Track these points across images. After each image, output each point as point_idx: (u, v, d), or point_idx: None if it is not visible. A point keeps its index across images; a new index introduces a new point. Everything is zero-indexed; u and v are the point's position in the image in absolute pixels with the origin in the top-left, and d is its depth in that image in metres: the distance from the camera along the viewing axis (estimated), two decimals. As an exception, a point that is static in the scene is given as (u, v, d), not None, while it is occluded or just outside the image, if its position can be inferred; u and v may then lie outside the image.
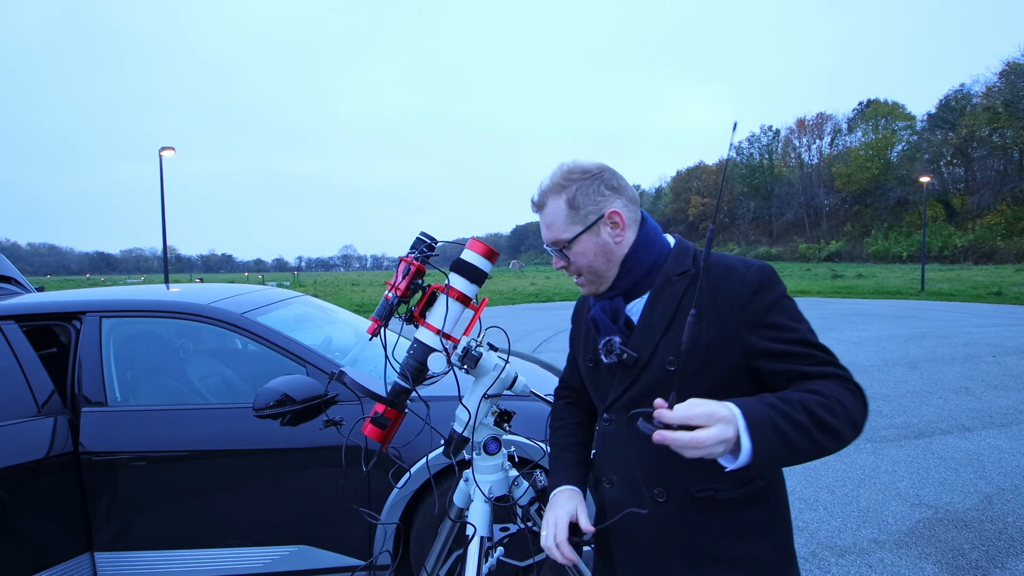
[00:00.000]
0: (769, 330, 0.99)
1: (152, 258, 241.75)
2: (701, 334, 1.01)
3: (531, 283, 34.71)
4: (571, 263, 1.11)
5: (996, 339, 9.03)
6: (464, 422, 1.31)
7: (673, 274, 1.07)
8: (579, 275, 1.13)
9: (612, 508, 1.13)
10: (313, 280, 65.59)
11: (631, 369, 1.07)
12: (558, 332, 11.44)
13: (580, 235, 1.08)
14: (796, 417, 0.86)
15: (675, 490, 1.05)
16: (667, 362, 1.02)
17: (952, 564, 2.67)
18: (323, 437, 2.20)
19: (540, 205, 1.13)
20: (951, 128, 53.02)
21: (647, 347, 1.05)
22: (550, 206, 1.11)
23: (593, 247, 1.09)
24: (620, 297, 1.11)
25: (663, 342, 1.04)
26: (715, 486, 1.03)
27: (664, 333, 1.04)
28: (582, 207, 1.08)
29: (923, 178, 25.47)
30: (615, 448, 1.12)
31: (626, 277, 1.10)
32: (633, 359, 1.05)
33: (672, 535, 1.06)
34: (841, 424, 0.89)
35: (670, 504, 1.05)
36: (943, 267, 39.35)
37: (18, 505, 2.04)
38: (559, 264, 1.14)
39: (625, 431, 1.09)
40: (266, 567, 2.28)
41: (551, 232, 1.11)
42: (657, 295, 1.07)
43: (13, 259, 4.11)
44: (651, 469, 1.06)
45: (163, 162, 16.82)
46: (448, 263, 1.34)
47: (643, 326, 1.07)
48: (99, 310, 2.43)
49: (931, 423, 4.86)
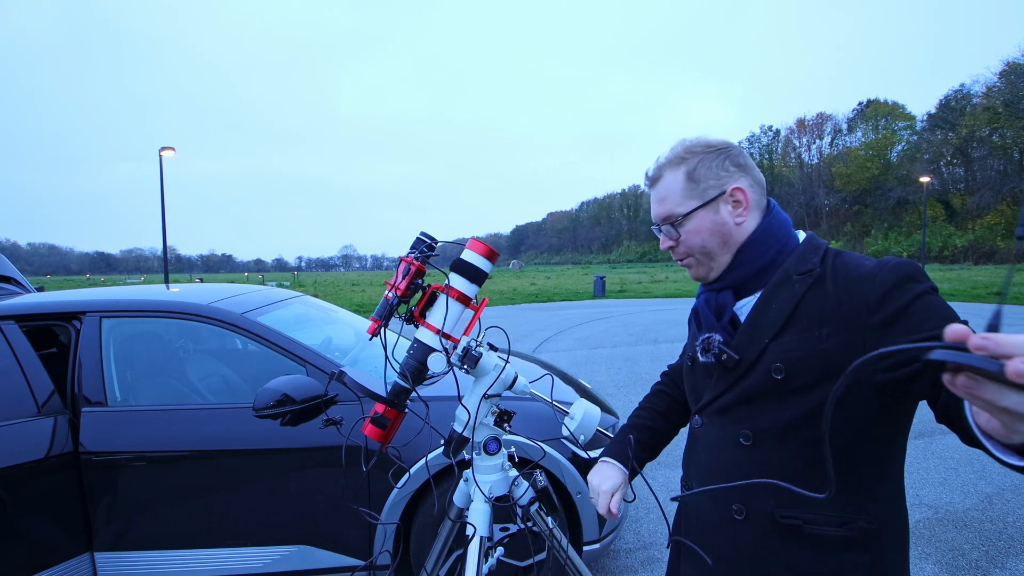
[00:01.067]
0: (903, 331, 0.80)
1: (152, 258, 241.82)
2: (820, 342, 0.87)
3: (531, 283, 34.71)
4: (680, 242, 1.01)
5: (996, 339, 9.03)
6: (464, 422, 1.31)
7: (795, 272, 0.93)
8: (687, 257, 1.03)
9: (685, 513, 1.07)
10: (313, 280, 65.60)
11: (731, 372, 0.96)
12: (558, 332, 11.44)
13: (696, 210, 0.98)
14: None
15: (756, 509, 0.93)
16: (774, 369, 0.90)
17: (952, 564, 2.67)
18: (323, 437, 2.21)
19: (655, 179, 1.04)
20: (951, 128, 53.04)
21: (752, 350, 0.93)
22: (666, 178, 1.02)
23: (709, 225, 0.99)
24: (729, 291, 1.00)
25: (772, 346, 0.91)
26: (804, 516, 0.89)
27: (775, 337, 0.91)
28: (702, 180, 0.99)
29: (923, 178, 25.51)
30: (701, 453, 1.04)
31: (740, 267, 0.99)
32: (734, 361, 0.94)
33: (747, 558, 0.94)
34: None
35: (748, 525, 0.94)
36: (943, 267, 39.36)
37: (18, 505, 2.04)
38: (667, 244, 1.03)
39: (715, 436, 1.01)
40: (266, 567, 2.28)
41: (663, 206, 1.02)
42: (772, 294, 0.94)
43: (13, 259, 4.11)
44: (735, 480, 0.95)
45: (163, 162, 16.83)
46: (448, 263, 1.34)
47: (749, 326, 0.95)
48: (99, 310, 2.43)
49: (931, 423, 4.85)
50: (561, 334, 11.10)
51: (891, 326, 0.81)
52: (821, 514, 0.88)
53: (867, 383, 0.84)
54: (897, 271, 0.85)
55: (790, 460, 0.91)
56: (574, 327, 12.19)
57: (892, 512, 0.91)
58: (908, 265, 0.85)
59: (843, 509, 0.88)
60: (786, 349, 0.90)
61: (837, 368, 0.85)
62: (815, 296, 0.90)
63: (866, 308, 0.84)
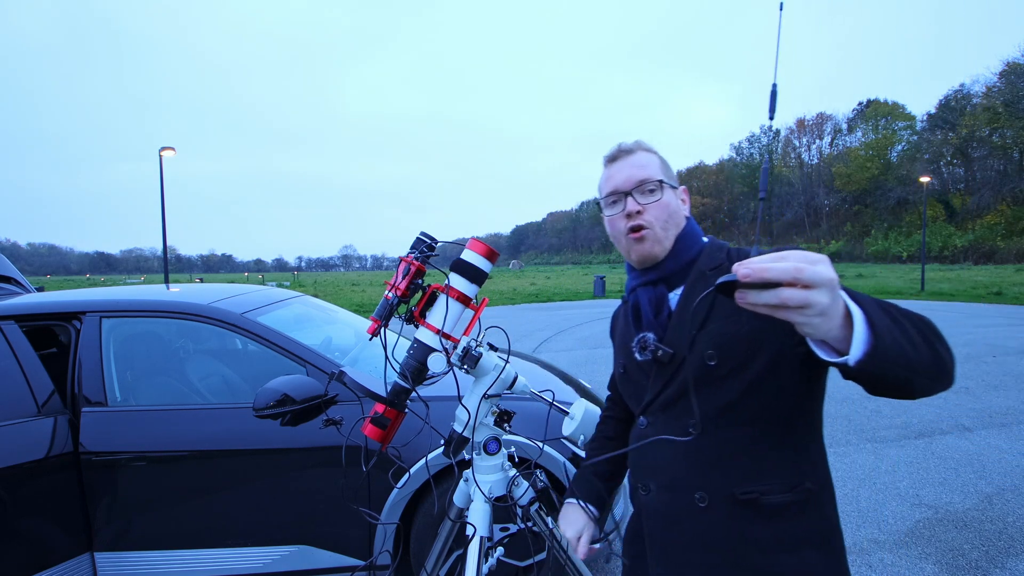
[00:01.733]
0: None
1: (152, 258, 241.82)
2: (741, 325, 0.96)
3: (531, 283, 34.71)
4: (654, 205, 1.07)
5: (996, 339, 9.03)
6: (464, 422, 1.31)
7: (707, 268, 1.05)
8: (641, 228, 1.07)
9: (649, 516, 1.09)
10: (313, 280, 65.59)
11: (667, 367, 1.03)
12: (558, 332, 11.44)
13: (668, 186, 1.08)
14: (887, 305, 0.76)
15: (716, 493, 0.98)
16: (706, 356, 0.97)
17: (952, 564, 2.67)
18: (323, 437, 2.21)
19: (630, 151, 1.11)
20: (951, 128, 53.03)
21: (683, 342, 1.01)
22: (642, 155, 1.10)
23: (674, 203, 1.09)
24: (663, 284, 1.08)
25: (700, 336, 0.99)
26: (760, 488, 0.96)
27: (701, 328, 0.99)
28: (668, 170, 1.12)
29: (923, 178, 25.47)
30: (651, 452, 1.07)
31: (675, 258, 1.08)
32: (669, 356, 1.02)
33: (716, 546, 0.98)
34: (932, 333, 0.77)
35: (712, 510, 0.98)
36: (943, 267, 39.36)
37: (18, 505, 2.04)
38: (635, 207, 1.07)
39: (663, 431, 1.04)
40: (266, 567, 2.28)
41: (644, 171, 1.08)
42: (692, 289, 1.04)
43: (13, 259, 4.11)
44: (690, 469, 1.00)
45: (163, 162, 16.83)
46: (448, 263, 1.34)
47: (678, 321, 1.03)
48: (99, 310, 2.43)
49: (931, 423, 4.86)
50: (561, 334, 11.10)
51: None
52: (774, 482, 0.96)
53: (792, 356, 0.94)
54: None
55: (737, 440, 0.98)
56: (574, 327, 12.19)
57: (825, 473, 1.02)
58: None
59: (791, 474, 0.97)
60: (713, 336, 0.98)
61: (759, 344, 0.95)
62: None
63: None
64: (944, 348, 0.77)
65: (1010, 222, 44.76)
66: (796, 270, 0.63)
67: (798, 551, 0.95)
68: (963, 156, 53.66)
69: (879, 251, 52.36)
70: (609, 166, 1.13)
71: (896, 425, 4.83)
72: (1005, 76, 47.95)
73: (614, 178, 1.10)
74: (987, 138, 50.45)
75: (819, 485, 0.99)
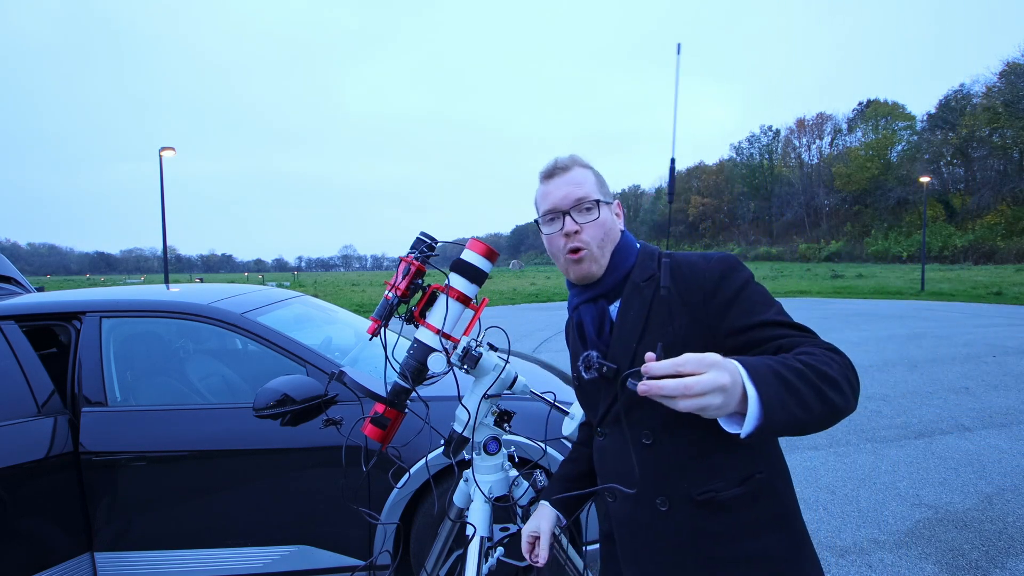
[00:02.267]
0: (740, 314, 0.98)
1: (152, 258, 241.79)
2: (676, 333, 1.01)
3: (531, 283, 34.71)
4: (591, 224, 1.09)
5: (996, 339, 9.03)
6: (464, 422, 1.31)
7: (640, 280, 1.08)
8: (580, 250, 1.09)
9: (617, 522, 1.13)
10: (313, 280, 65.59)
11: (612, 382, 1.06)
12: (558, 332, 11.44)
13: (603, 203, 1.10)
14: (795, 365, 0.83)
15: (676, 496, 1.02)
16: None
17: (952, 564, 2.67)
18: (323, 437, 2.20)
19: (566, 168, 1.12)
20: (951, 128, 53.03)
21: (625, 356, 1.04)
22: (579, 171, 1.12)
23: (610, 221, 1.12)
24: (603, 299, 1.11)
25: (640, 349, 1.03)
26: (714, 487, 1.00)
27: (640, 340, 1.03)
28: (603, 186, 1.14)
29: (923, 178, 25.46)
30: (611, 462, 1.12)
31: (612, 273, 1.11)
32: (613, 371, 1.04)
33: (681, 544, 1.03)
34: (838, 376, 0.85)
35: (674, 513, 1.03)
36: (943, 267, 39.36)
37: (18, 505, 2.04)
38: (573, 227, 1.09)
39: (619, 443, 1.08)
40: (266, 567, 2.28)
41: (581, 189, 1.09)
42: (628, 303, 1.08)
43: (13, 259, 4.11)
44: (648, 478, 1.04)
45: (163, 162, 16.82)
46: (448, 263, 1.34)
47: (618, 336, 1.07)
48: (99, 310, 2.43)
49: (931, 423, 4.85)
50: (561, 334, 11.10)
51: (730, 309, 0.98)
52: (726, 478, 1.01)
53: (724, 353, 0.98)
54: (723, 263, 1.02)
55: (686, 447, 1.02)
56: (574, 327, 12.17)
57: (777, 458, 1.07)
58: (730, 257, 1.04)
59: (742, 468, 1.02)
60: (651, 347, 0.98)
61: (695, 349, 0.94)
62: (660, 296, 1.04)
63: (703, 295, 1.00)
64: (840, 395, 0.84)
65: (1010, 222, 44.74)
66: (685, 387, 0.72)
67: (759, 536, 1.00)
68: (963, 156, 53.66)
69: (879, 251, 52.35)
70: (546, 183, 1.14)
71: (896, 425, 4.83)
72: (1005, 76, 47.93)
73: (551, 195, 1.11)
74: (987, 138, 50.44)
75: (770, 472, 1.04)
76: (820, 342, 0.93)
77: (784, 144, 77.37)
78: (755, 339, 0.96)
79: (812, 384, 0.81)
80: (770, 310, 0.98)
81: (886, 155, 61.03)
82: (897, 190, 56.21)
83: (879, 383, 6.33)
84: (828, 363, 0.86)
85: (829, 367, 0.85)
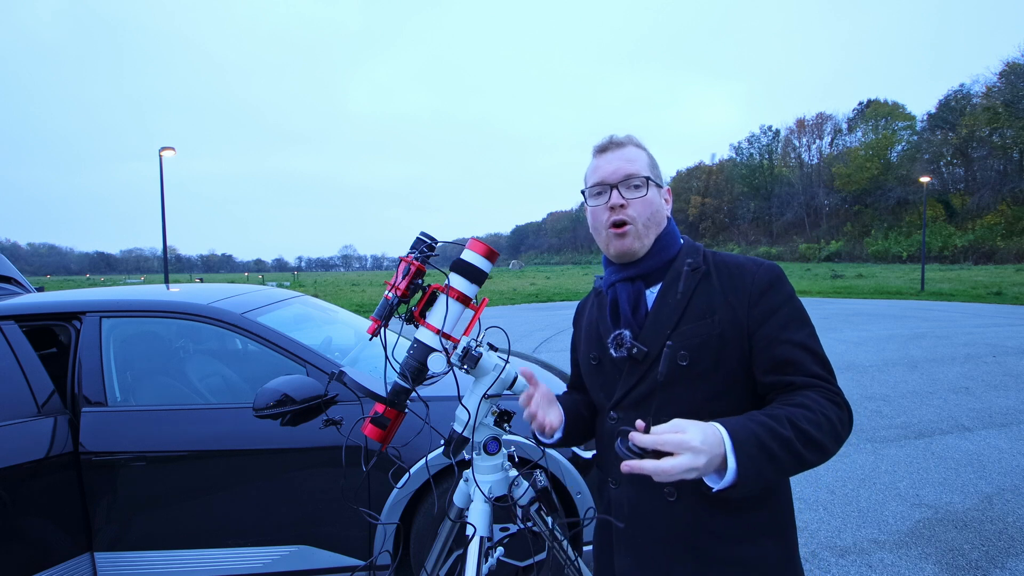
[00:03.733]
0: (777, 326, 1.00)
1: (152, 258, 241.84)
2: (713, 327, 1.01)
3: (531, 283, 34.71)
4: (638, 202, 1.07)
5: (996, 339, 9.03)
6: (464, 422, 1.30)
7: (685, 268, 1.08)
8: (624, 224, 1.08)
9: (618, 509, 1.12)
10: (313, 280, 65.60)
11: (640, 364, 1.05)
12: (558, 332, 11.44)
13: (654, 184, 1.09)
14: (783, 433, 0.86)
15: (686, 488, 1.02)
16: (679, 356, 1.01)
17: (952, 564, 2.67)
18: (323, 437, 2.20)
19: (621, 144, 1.11)
20: (951, 128, 53.04)
21: (658, 341, 1.03)
22: (632, 150, 1.10)
23: (659, 201, 1.11)
24: (641, 281, 1.10)
25: (674, 336, 1.02)
26: None
27: (675, 328, 1.03)
28: (657, 168, 1.13)
29: (923, 178, 25.47)
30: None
31: (655, 256, 1.09)
32: (643, 353, 1.04)
33: (681, 536, 1.03)
34: (826, 439, 0.90)
35: (680, 504, 1.03)
36: (943, 267, 39.35)
37: (18, 505, 2.04)
38: (619, 200, 1.07)
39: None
40: (266, 567, 2.28)
41: (633, 165, 1.08)
42: (669, 288, 1.07)
43: (13, 259, 4.12)
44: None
45: (163, 162, 16.82)
46: (448, 263, 1.34)
47: (653, 320, 1.06)
48: (99, 310, 2.43)
49: (931, 423, 4.86)
50: (561, 334, 11.10)
51: (769, 318, 1.00)
52: None
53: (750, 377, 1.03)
54: (772, 271, 1.04)
55: None
56: (574, 327, 12.18)
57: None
58: (778, 269, 1.06)
59: None
60: (686, 337, 1.02)
61: (730, 349, 1.00)
62: (704, 289, 1.05)
63: (748, 299, 1.02)
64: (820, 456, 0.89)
65: (1010, 222, 44.75)
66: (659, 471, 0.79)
67: (757, 541, 1.01)
68: (963, 156, 53.65)
69: (879, 251, 52.35)
70: (598, 156, 1.13)
71: (896, 425, 4.83)
72: (1005, 76, 47.94)
73: (601, 169, 1.10)
74: (987, 138, 50.45)
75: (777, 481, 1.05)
76: (828, 391, 0.95)
77: (784, 144, 77.38)
78: (778, 355, 0.98)
79: (795, 452, 0.86)
80: (803, 331, 1.00)
81: (886, 155, 61.04)
82: (897, 190, 56.21)
83: (879, 383, 6.33)
84: (820, 424, 0.89)
85: (820, 429, 0.89)
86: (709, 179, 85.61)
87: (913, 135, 60.44)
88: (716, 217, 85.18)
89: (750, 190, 77.94)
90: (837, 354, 8.04)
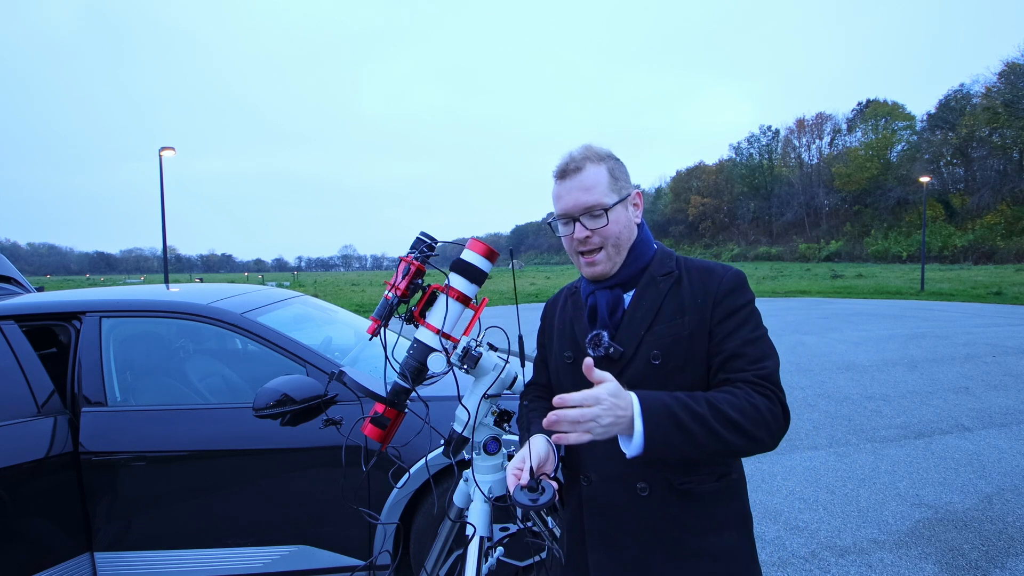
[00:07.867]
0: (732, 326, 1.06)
1: (152, 258, 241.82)
2: (683, 329, 1.07)
3: (531, 283, 34.70)
4: (598, 233, 1.10)
5: (996, 339, 9.03)
6: (464, 422, 1.31)
7: (658, 274, 1.13)
8: (597, 251, 1.11)
9: (590, 505, 1.15)
10: (313, 280, 65.60)
11: (616, 363, 1.10)
12: (558, 332, 11.42)
13: (617, 204, 1.10)
14: (696, 409, 0.93)
15: (657, 483, 1.07)
16: (651, 356, 1.07)
17: (952, 564, 2.67)
18: (323, 437, 2.20)
19: (577, 169, 1.10)
20: (951, 128, 53.05)
21: (632, 342, 1.09)
22: (591, 171, 1.10)
23: (625, 220, 1.12)
24: (619, 288, 1.14)
25: (647, 337, 1.08)
26: (694, 478, 1.07)
27: (648, 328, 1.08)
28: (620, 179, 1.12)
29: (923, 178, 25.45)
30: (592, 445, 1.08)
31: (630, 266, 1.14)
32: (619, 353, 1.09)
33: (654, 530, 1.08)
34: (748, 423, 0.95)
35: (652, 498, 1.07)
36: (943, 267, 39.35)
37: (18, 505, 2.04)
38: (583, 234, 1.10)
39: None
40: (266, 567, 2.27)
41: (592, 195, 1.08)
42: (643, 292, 1.12)
43: (13, 259, 4.12)
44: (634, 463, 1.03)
45: (163, 162, 16.82)
46: (448, 263, 1.34)
47: (628, 321, 1.11)
48: (99, 310, 2.43)
49: (931, 423, 4.85)
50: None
51: (725, 319, 1.06)
52: (704, 472, 1.08)
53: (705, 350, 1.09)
54: (737, 278, 1.10)
55: None
56: (574, 327, 12.16)
57: (741, 464, 1.17)
58: (743, 275, 1.12)
59: (719, 464, 1.10)
60: (658, 338, 1.08)
61: (698, 348, 1.06)
62: (675, 293, 1.11)
63: (713, 299, 1.08)
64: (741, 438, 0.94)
65: (1010, 222, 44.75)
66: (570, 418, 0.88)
67: (722, 533, 1.08)
68: (963, 156, 53.66)
69: (879, 251, 52.37)
70: (559, 183, 1.14)
71: (896, 425, 4.83)
72: (1005, 76, 47.94)
73: (563, 199, 1.12)
74: (987, 138, 50.46)
75: (739, 475, 1.14)
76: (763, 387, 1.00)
77: (784, 144, 77.38)
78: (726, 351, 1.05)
79: (710, 429, 0.93)
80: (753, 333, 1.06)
81: (886, 155, 61.07)
82: (897, 190, 56.24)
83: (879, 383, 6.33)
84: (743, 409, 0.95)
85: (742, 413, 0.95)
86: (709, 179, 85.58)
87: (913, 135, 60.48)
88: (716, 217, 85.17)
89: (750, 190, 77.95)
90: (837, 354, 8.04)
